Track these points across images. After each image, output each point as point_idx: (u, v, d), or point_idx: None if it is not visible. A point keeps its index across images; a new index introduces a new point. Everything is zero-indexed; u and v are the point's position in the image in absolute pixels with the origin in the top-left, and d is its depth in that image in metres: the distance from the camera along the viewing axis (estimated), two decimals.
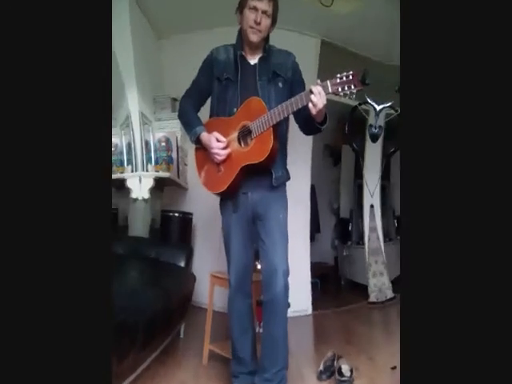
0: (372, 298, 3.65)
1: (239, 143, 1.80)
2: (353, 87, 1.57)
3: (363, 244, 4.23)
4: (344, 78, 1.59)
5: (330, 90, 1.61)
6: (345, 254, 5.03)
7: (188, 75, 2.05)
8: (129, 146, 2.92)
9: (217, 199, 2.04)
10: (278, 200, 1.87)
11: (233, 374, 1.97)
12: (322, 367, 2.17)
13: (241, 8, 1.81)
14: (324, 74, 1.70)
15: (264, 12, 1.76)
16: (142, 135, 2.83)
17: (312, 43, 3.76)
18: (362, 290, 4.19)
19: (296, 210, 3.34)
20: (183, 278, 2.37)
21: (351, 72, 1.58)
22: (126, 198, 2.97)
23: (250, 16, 1.77)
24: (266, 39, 1.89)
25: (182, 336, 2.66)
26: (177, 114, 2.08)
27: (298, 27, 3.61)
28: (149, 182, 2.62)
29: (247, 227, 1.88)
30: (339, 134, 5.00)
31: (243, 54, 1.88)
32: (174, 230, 3.16)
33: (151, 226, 3.23)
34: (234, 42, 1.94)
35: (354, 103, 3.79)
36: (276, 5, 1.81)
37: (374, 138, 4.02)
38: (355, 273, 4.69)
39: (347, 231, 5.13)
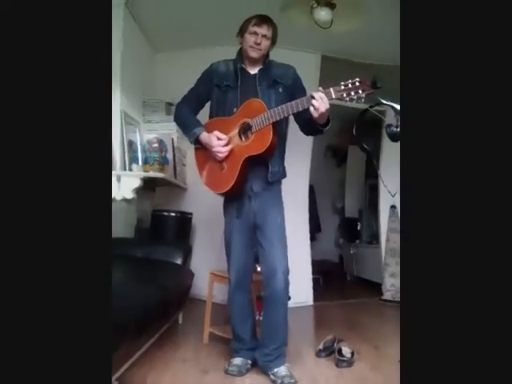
0: (387, 297, 3.61)
1: (240, 138, 1.85)
2: (361, 92, 1.64)
3: (377, 243, 4.21)
4: (349, 85, 1.65)
5: (333, 96, 1.68)
6: (352, 252, 5.05)
7: (182, 85, 2.08)
8: None
9: (217, 199, 2.04)
10: (274, 204, 1.93)
11: (233, 349, 2.03)
12: (321, 346, 2.17)
13: (242, 32, 1.91)
14: (327, 84, 1.73)
15: (264, 36, 1.86)
16: (123, 134, 2.73)
17: (312, 58, 3.77)
18: (370, 286, 4.18)
19: (295, 210, 3.34)
20: (180, 274, 2.38)
21: (357, 79, 1.65)
22: None
23: (250, 39, 1.87)
24: (266, 55, 1.96)
25: (180, 322, 2.69)
26: (172, 117, 2.12)
27: (298, 46, 3.60)
28: (134, 182, 2.47)
29: (248, 233, 1.94)
30: (344, 136, 5.07)
31: (243, 66, 1.94)
32: (169, 229, 3.06)
33: (139, 227, 3.17)
34: (231, 58, 1.99)
35: (364, 106, 3.74)
36: (275, 29, 1.91)
37: (396, 138, 3.91)
38: (365, 270, 4.69)
39: (354, 230, 5.15)
